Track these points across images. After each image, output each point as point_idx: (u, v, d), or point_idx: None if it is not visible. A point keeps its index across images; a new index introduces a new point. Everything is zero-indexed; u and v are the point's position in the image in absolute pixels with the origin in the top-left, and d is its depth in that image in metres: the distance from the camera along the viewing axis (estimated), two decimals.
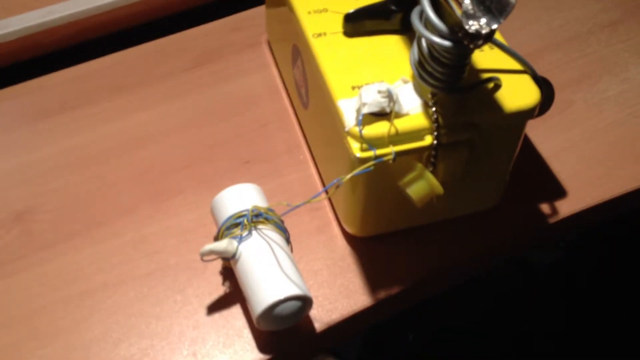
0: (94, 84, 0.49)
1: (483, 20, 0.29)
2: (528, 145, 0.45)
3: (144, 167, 0.44)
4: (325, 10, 0.39)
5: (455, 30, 0.31)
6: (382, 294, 0.38)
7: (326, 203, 0.42)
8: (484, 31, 0.29)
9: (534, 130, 0.46)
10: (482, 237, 0.41)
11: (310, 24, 0.38)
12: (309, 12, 0.39)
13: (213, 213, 0.38)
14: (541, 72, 0.43)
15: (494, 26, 0.29)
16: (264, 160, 0.44)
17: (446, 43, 0.31)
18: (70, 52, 0.51)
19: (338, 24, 0.38)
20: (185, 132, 0.46)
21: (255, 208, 0.37)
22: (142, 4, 0.52)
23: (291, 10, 0.40)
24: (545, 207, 0.42)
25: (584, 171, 0.44)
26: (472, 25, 0.29)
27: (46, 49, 0.50)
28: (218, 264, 0.39)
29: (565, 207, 0.42)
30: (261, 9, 0.51)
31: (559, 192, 0.43)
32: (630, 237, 0.83)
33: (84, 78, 0.49)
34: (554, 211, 0.42)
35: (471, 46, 0.30)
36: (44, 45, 0.50)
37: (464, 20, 0.29)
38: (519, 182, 0.42)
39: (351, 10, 0.38)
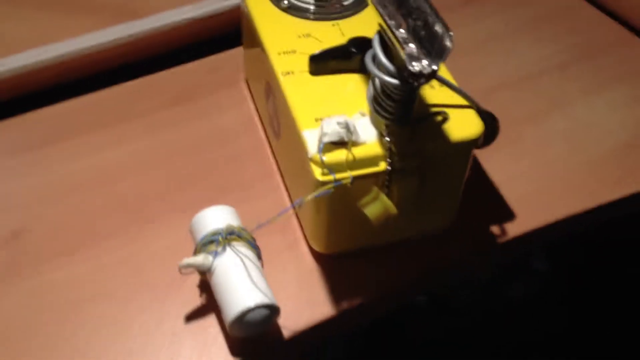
0: (77, 119, 0.53)
1: (425, 62, 0.34)
2: (481, 173, 0.49)
3: (127, 194, 0.48)
4: (294, 51, 0.44)
5: (402, 70, 0.35)
6: (345, 306, 0.42)
7: (296, 224, 0.46)
8: (425, 72, 0.34)
9: (488, 160, 0.50)
10: (437, 255, 0.45)
11: (280, 64, 0.43)
12: (279, 53, 0.44)
13: (192, 231, 0.42)
14: (495, 108, 0.47)
15: (434, 67, 0.34)
16: (240, 187, 0.48)
17: (394, 81, 0.36)
18: (54, 90, 0.55)
19: (305, 64, 0.43)
20: (167, 164, 0.50)
21: (229, 227, 0.41)
22: (125, 46, 0.56)
23: (263, 51, 0.45)
24: (495, 229, 0.46)
25: (531, 197, 0.48)
26: (415, 67, 0.34)
27: (29, 88, 0.55)
28: (196, 279, 0.43)
29: (513, 229, 0.46)
30: (240, 50, 0.55)
31: (508, 215, 0.47)
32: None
33: (68, 114, 0.54)
34: (503, 232, 0.46)
35: (415, 84, 0.35)
36: (27, 85, 0.54)
37: (407, 62, 0.34)
38: (472, 205, 0.46)
39: (316, 52, 0.43)
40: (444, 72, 0.43)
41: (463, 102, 0.41)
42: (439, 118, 0.40)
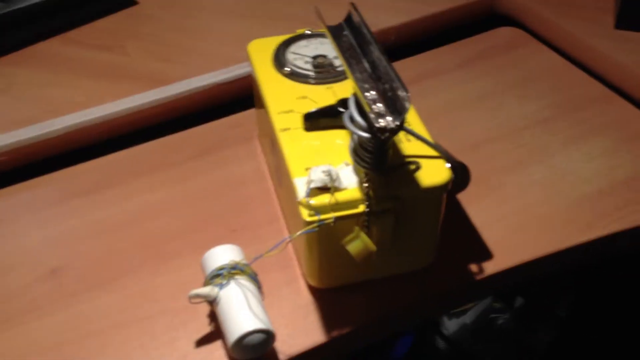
0: (115, 171, 0.61)
1: (389, 119, 0.40)
2: (464, 217, 0.55)
3: (152, 234, 0.55)
4: (292, 111, 0.51)
5: (371, 126, 0.42)
6: (335, 334, 0.48)
7: (295, 263, 0.52)
8: (389, 126, 0.40)
9: (471, 206, 0.56)
10: (418, 290, 0.50)
11: (279, 121, 0.50)
12: (279, 112, 0.51)
13: (202, 267, 0.49)
14: (481, 159, 0.53)
15: (397, 123, 0.40)
16: (249, 230, 0.55)
17: (366, 135, 0.42)
18: (97, 146, 0.64)
19: (300, 121, 0.50)
20: (187, 208, 0.57)
21: (232, 263, 0.47)
22: (160, 107, 0.65)
23: (267, 110, 0.52)
24: (473, 267, 0.52)
25: (508, 239, 0.53)
26: (381, 122, 0.40)
27: (77, 144, 0.63)
28: (206, 309, 0.49)
29: (490, 268, 0.51)
30: (253, 111, 0.63)
31: (486, 255, 0.52)
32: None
33: (108, 166, 0.62)
34: (481, 270, 0.51)
35: (382, 137, 0.41)
36: (75, 142, 0.63)
37: (374, 119, 0.40)
38: (453, 246, 0.52)
39: (309, 111, 0.49)
40: (420, 128, 0.49)
41: (436, 153, 0.47)
42: (412, 167, 0.46)
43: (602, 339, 0.92)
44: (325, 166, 0.45)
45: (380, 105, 0.41)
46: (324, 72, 0.54)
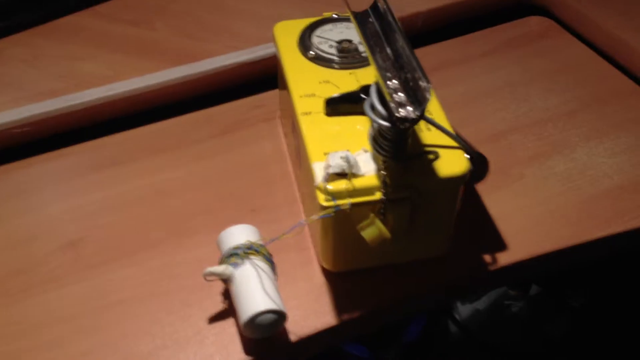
0: (138, 145, 0.62)
1: (409, 109, 0.40)
2: (481, 207, 0.55)
3: (172, 211, 0.56)
4: (313, 95, 0.51)
5: (392, 115, 0.42)
6: (345, 317, 0.48)
7: (311, 245, 0.53)
8: (409, 117, 0.40)
9: (489, 196, 0.56)
10: (431, 277, 0.51)
11: (300, 105, 0.50)
12: (301, 96, 0.51)
13: (218, 245, 0.50)
14: (501, 150, 0.53)
15: (417, 112, 0.40)
16: (267, 210, 0.56)
17: (386, 124, 0.42)
18: (122, 120, 0.64)
19: (321, 106, 0.50)
20: (207, 185, 0.58)
21: (248, 243, 0.48)
22: (184, 84, 0.65)
23: (289, 93, 0.52)
24: (488, 258, 0.52)
25: (525, 231, 0.53)
26: (401, 112, 0.40)
27: (102, 117, 0.64)
28: (220, 287, 0.50)
29: (504, 259, 0.52)
30: (276, 91, 0.63)
31: (501, 246, 0.52)
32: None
33: (131, 141, 0.63)
34: (495, 261, 0.52)
35: (402, 127, 0.41)
36: (99, 115, 0.64)
37: (394, 108, 0.40)
38: (469, 236, 0.52)
39: (331, 96, 0.50)
40: (441, 117, 0.49)
41: (455, 144, 0.47)
42: (431, 157, 0.46)
43: (615, 331, 0.92)
44: (343, 152, 0.45)
45: (401, 94, 0.41)
46: (348, 57, 0.54)
